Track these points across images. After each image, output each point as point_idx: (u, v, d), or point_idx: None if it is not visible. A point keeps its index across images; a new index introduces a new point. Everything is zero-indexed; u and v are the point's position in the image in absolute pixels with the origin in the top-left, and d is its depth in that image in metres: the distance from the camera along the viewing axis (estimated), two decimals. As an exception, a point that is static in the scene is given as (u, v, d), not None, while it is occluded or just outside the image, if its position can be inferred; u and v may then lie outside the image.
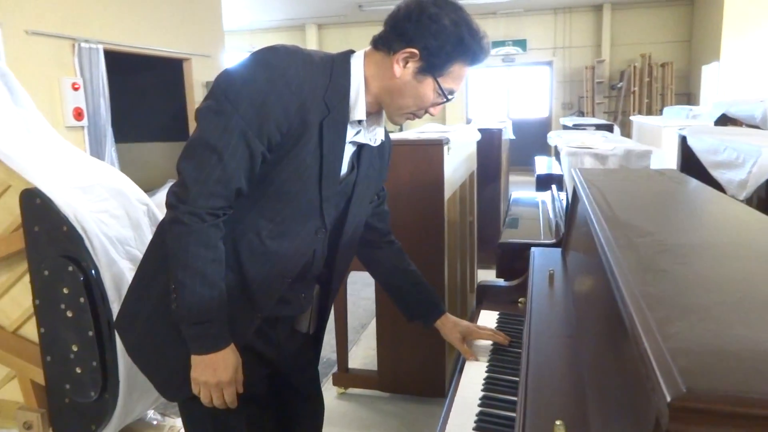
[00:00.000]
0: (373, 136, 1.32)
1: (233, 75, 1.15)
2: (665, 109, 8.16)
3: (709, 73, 9.92)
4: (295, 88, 1.14)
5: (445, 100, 1.26)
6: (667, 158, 4.28)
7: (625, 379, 0.73)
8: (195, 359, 1.19)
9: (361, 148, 1.33)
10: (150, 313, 1.28)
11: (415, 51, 1.18)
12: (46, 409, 1.95)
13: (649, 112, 10.68)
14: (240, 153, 1.12)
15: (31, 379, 1.96)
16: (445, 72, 1.21)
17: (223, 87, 1.14)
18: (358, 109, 1.23)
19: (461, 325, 1.56)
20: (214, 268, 1.16)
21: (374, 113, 1.29)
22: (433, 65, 1.19)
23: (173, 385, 1.29)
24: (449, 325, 1.56)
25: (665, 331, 0.59)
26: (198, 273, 1.14)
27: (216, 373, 1.18)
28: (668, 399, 0.49)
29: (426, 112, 1.28)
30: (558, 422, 0.93)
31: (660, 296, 0.69)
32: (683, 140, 3.21)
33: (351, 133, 1.27)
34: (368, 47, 1.26)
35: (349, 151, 1.29)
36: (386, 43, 1.21)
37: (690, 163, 3.06)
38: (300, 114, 1.15)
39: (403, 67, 1.20)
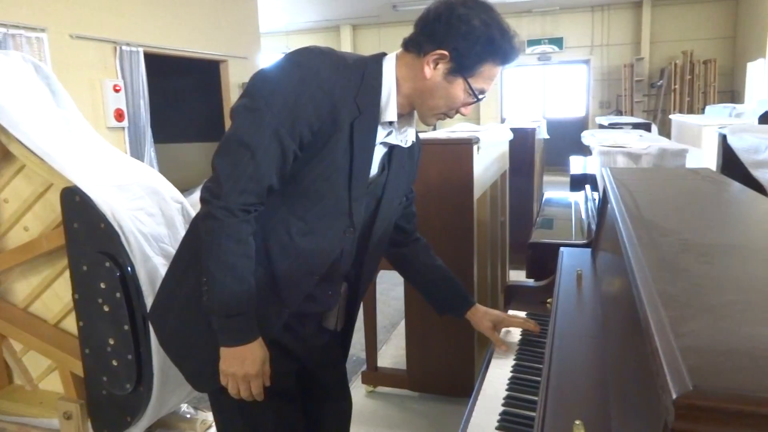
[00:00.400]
0: (404, 138, 1.33)
1: (268, 75, 1.18)
2: (707, 108, 7.92)
3: (754, 70, 9.58)
4: (327, 89, 1.15)
5: (475, 100, 1.26)
6: (707, 158, 4.16)
7: (643, 380, 0.72)
8: (223, 351, 1.22)
9: (392, 149, 1.34)
10: (182, 306, 1.32)
11: (445, 53, 1.18)
12: (85, 400, 2.02)
13: (691, 111, 10.38)
14: (272, 151, 1.14)
15: (71, 370, 2.03)
16: (475, 72, 1.21)
17: (257, 86, 1.17)
18: (390, 110, 1.25)
19: (492, 314, 1.59)
20: (244, 263, 1.18)
21: (406, 114, 1.30)
22: (463, 66, 1.20)
23: (203, 377, 1.33)
24: (479, 314, 1.59)
25: (678, 329, 0.58)
26: (228, 267, 1.16)
27: (243, 365, 1.21)
28: (674, 396, 0.48)
29: (457, 112, 1.29)
30: (577, 422, 0.93)
31: (677, 295, 0.68)
32: (723, 139, 3.12)
33: (382, 135, 1.28)
34: (400, 49, 1.27)
35: (380, 152, 1.30)
36: (416, 44, 1.22)
37: (731, 162, 2.96)
38: (331, 114, 1.17)
39: (433, 69, 1.21)
